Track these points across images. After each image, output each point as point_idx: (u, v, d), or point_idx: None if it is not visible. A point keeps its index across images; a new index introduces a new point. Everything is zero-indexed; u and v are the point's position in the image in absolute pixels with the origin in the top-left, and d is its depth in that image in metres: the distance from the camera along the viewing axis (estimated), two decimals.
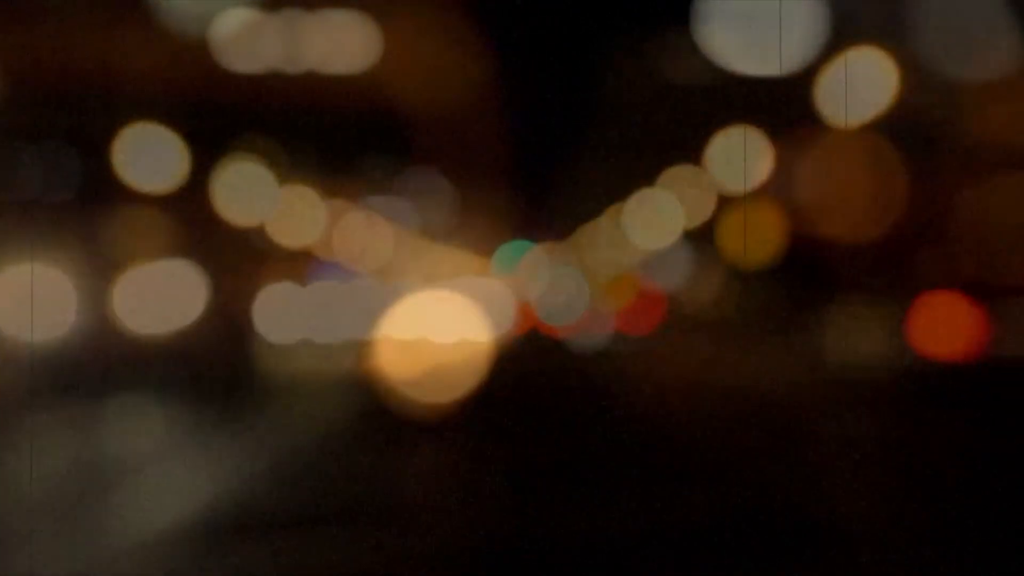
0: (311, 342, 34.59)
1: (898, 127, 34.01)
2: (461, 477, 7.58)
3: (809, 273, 43.12)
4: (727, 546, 5.47)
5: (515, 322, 51.75)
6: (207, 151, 39.43)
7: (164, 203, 36.71)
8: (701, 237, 50.00)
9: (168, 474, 8.01)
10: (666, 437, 9.77)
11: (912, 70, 31.58)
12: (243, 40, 60.10)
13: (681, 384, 16.92)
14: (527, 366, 22.50)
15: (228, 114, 53.13)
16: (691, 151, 47.57)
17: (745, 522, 5.98)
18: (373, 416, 11.99)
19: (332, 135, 61.96)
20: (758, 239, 44.23)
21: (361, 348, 31.45)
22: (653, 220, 52.69)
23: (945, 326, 24.28)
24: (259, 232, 42.36)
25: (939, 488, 7.08)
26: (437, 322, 41.06)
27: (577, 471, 7.76)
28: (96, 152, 36.97)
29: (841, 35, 33.23)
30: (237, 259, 40.56)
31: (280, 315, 36.50)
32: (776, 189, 41.85)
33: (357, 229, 54.76)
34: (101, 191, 36.75)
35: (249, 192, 39.98)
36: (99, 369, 20.24)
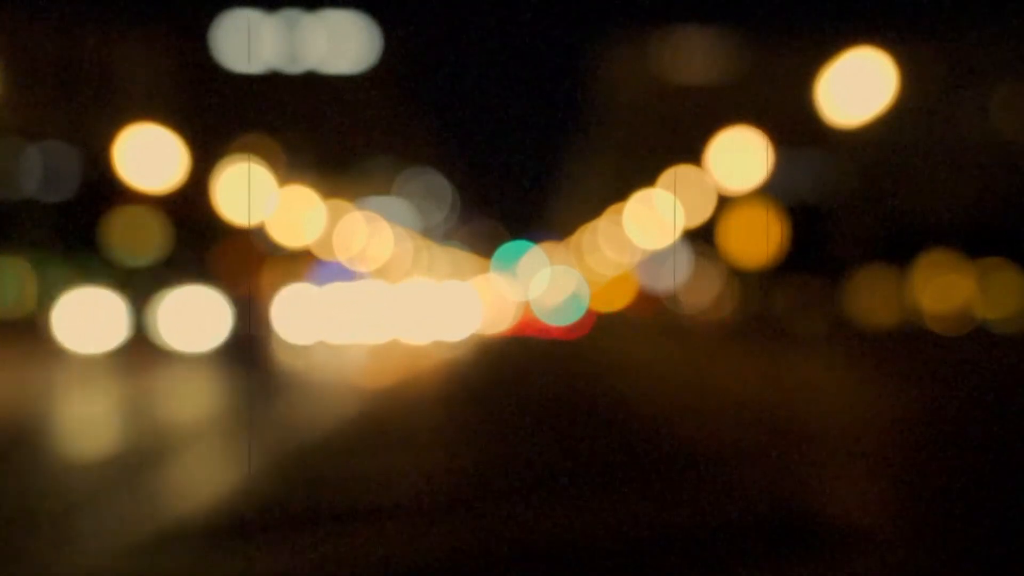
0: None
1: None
2: (460, 477, 7.58)
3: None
4: (727, 545, 5.47)
5: (514, 321, 51.87)
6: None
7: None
8: (701, 237, 50.05)
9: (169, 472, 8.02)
10: (663, 435, 9.78)
11: None
12: (243, 40, 59.98)
13: (679, 382, 16.94)
14: (528, 365, 22.51)
15: (228, 114, 53.11)
16: (691, 151, 47.65)
17: (743, 522, 5.99)
18: (370, 416, 12.00)
19: (332, 135, 61.91)
20: (758, 239, 44.28)
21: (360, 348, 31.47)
22: (653, 220, 52.73)
23: None
24: (259, 232, 42.43)
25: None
26: (438, 323, 41.13)
27: (575, 471, 7.77)
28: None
29: None
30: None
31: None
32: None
33: (357, 229, 54.79)
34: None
35: (249, 192, 40.05)
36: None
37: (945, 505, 6.43)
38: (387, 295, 43.54)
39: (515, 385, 16.68)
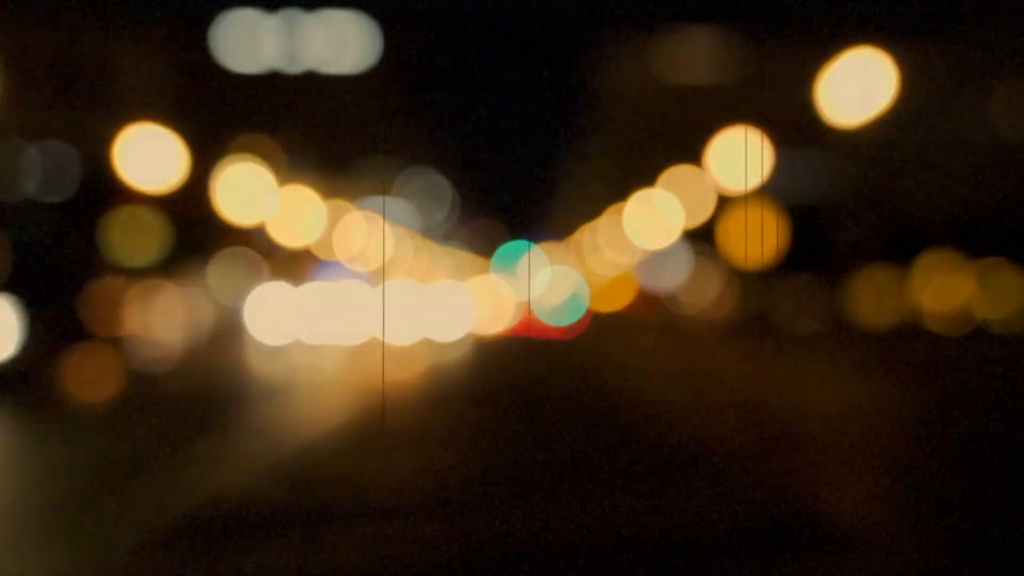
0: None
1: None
2: (458, 477, 7.58)
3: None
4: (726, 546, 5.47)
5: (514, 321, 51.89)
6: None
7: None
8: (701, 237, 50.04)
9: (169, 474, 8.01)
10: (664, 436, 9.77)
11: None
12: (243, 40, 59.98)
13: (679, 383, 16.94)
14: (526, 365, 22.50)
15: (228, 114, 53.13)
16: (691, 151, 47.61)
17: (741, 522, 5.98)
18: (368, 415, 11.99)
19: (332, 135, 61.94)
20: (758, 239, 44.28)
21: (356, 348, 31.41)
22: (653, 220, 52.73)
23: None
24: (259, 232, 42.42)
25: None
26: (436, 322, 41.07)
27: (575, 470, 7.76)
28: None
29: None
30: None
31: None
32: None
33: (357, 229, 54.81)
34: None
35: (249, 192, 40.02)
36: None
37: (945, 505, 6.42)
38: (376, 294, 43.32)
39: (513, 386, 16.67)
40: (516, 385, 16.59)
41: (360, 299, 41.16)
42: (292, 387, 16.80)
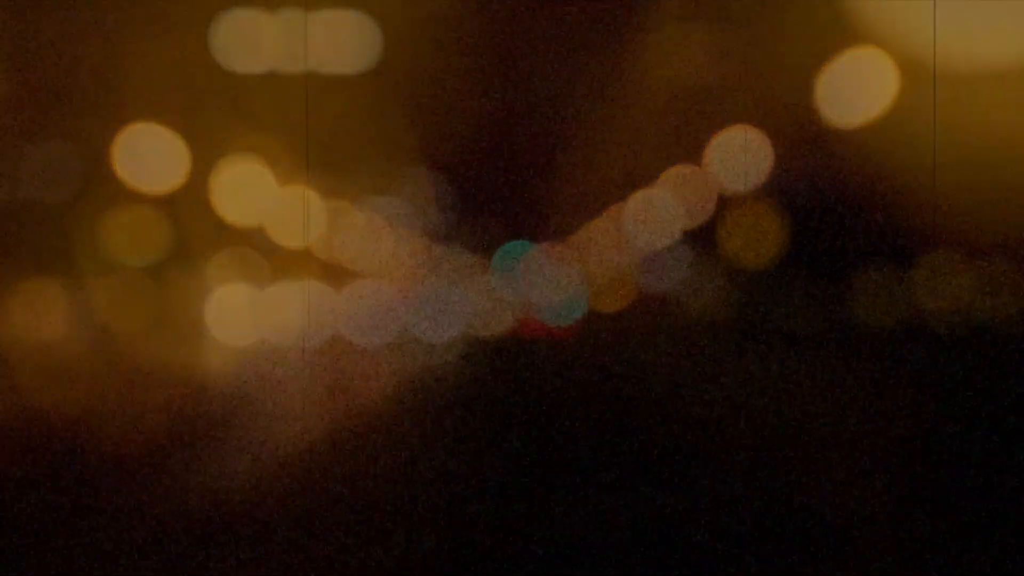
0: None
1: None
2: (456, 477, 7.58)
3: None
4: (726, 546, 5.46)
5: (514, 322, 51.81)
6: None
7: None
8: (701, 237, 50.00)
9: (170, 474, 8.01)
10: (663, 436, 9.77)
11: None
12: (243, 40, 59.78)
13: (679, 384, 16.93)
14: (525, 366, 22.49)
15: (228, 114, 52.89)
16: (691, 151, 47.56)
17: (741, 522, 5.98)
18: (366, 416, 11.98)
19: (332, 135, 61.62)
20: (758, 239, 44.23)
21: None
22: (653, 220, 52.69)
23: None
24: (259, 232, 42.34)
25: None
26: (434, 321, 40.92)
27: (575, 471, 7.76)
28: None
29: None
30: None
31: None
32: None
33: (357, 229, 54.70)
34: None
35: (249, 192, 39.95)
36: None
37: (944, 506, 6.42)
38: (357, 293, 43.12)
39: (508, 385, 16.66)
40: (511, 384, 16.57)
41: (340, 298, 40.93)
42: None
